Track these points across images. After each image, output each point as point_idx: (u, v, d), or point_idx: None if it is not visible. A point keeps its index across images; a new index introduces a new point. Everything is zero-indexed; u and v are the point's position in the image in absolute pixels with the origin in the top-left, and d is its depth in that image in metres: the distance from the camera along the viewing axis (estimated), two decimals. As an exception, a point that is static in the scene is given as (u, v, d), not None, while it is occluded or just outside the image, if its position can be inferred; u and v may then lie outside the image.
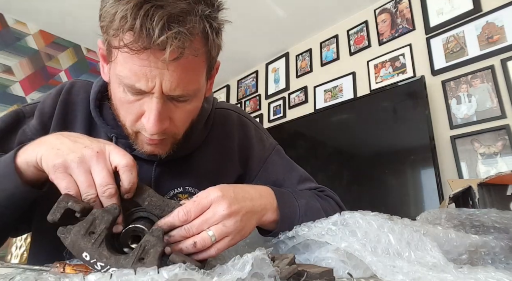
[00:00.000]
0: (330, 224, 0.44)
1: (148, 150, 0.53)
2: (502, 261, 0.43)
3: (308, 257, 0.42)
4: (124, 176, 0.40)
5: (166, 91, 0.46)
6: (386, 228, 0.41)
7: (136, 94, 0.47)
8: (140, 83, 0.45)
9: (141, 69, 0.44)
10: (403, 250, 0.39)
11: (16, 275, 0.36)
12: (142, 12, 0.40)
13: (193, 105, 0.52)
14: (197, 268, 0.28)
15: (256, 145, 0.70)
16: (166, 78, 0.44)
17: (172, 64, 0.43)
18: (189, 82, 0.47)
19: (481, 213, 0.50)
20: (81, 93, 0.63)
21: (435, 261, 0.37)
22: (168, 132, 0.51)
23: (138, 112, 0.49)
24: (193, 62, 0.46)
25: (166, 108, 0.48)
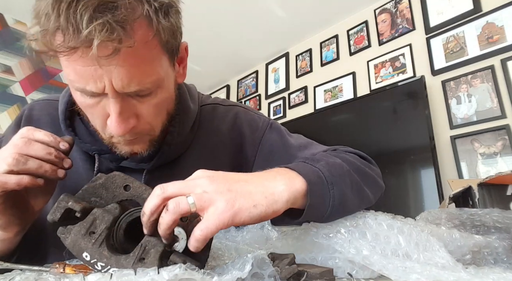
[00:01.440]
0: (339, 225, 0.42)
1: (127, 150, 0.50)
2: (505, 261, 0.43)
3: (315, 257, 0.41)
4: None
5: (119, 89, 0.41)
6: (396, 229, 0.40)
7: (93, 97, 0.43)
8: (89, 85, 0.41)
9: (86, 70, 0.39)
10: (412, 252, 0.38)
11: (16, 275, 0.36)
12: (64, 5, 0.35)
13: (159, 97, 0.47)
14: (197, 268, 0.28)
15: (248, 128, 0.64)
16: (115, 75, 0.40)
17: (117, 58, 0.38)
18: (144, 75, 0.42)
19: (483, 213, 0.50)
20: (42, 117, 0.58)
21: (444, 261, 0.37)
22: (139, 131, 0.48)
23: (103, 115, 0.45)
24: (142, 52, 0.41)
25: (128, 106, 0.44)
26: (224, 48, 2.81)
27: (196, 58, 2.95)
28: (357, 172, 0.48)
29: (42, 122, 0.58)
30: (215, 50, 2.83)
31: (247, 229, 0.54)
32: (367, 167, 0.52)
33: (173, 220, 0.33)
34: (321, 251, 0.41)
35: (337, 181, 0.42)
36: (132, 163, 0.56)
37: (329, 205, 0.41)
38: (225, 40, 2.70)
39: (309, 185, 0.39)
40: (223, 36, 2.64)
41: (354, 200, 0.45)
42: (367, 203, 0.49)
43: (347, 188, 0.44)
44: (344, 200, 0.42)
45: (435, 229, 0.44)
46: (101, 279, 0.25)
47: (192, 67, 3.09)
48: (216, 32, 2.59)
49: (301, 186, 0.39)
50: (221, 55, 2.92)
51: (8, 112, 2.32)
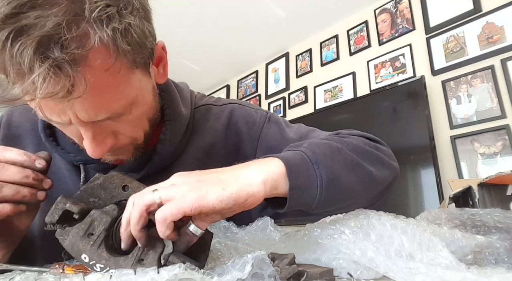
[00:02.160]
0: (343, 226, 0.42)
1: (112, 160, 0.48)
2: (506, 261, 0.43)
3: (319, 257, 0.40)
4: None
5: (87, 119, 0.37)
6: (399, 229, 0.40)
7: (59, 123, 0.40)
8: (54, 117, 0.37)
9: (46, 104, 0.35)
10: (415, 252, 0.38)
11: (16, 276, 0.36)
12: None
13: (135, 113, 0.43)
14: (197, 268, 0.28)
15: (244, 125, 0.60)
16: (78, 108, 0.36)
17: (75, 93, 0.33)
18: (111, 102, 0.38)
19: (484, 213, 0.49)
20: (23, 124, 0.55)
21: (447, 262, 0.37)
22: (120, 146, 0.45)
23: (78, 135, 0.42)
24: (101, 81, 0.35)
25: (101, 129, 0.40)
26: (224, 48, 2.81)
27: (196, 58, 2.95)
28: (355, 150, 0.44)
29: (23, 129, 0.55)
30: (215, 50, 2.83)
31: (248, 229, 0.54)
32: (372, 148, 0.48)
33: (139, 213, 0.31)
34: (325, 252, 0.41)
35: (322, 160, 0.38)
36: (121, 172, 0.54)
37: (317, 186, 0.37)
38: (225, 40, 2.70)
39: (287, 166, 0.36)
40: (223, 36, 2.64)
41: (350, 178, 0.40)
42: (373, 182, 0.44)
43: (338, 165, 0.39)
44: (335, 178, 0.38)
45: (437, 229, 0.44)
46: (101, 279, 0.25)
47: (192, 67, 3.09)
48: (216, 32, 2.59)
49: (278, 167, 0.36)
50: (221, 55, 2.92)
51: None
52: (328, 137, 0.49)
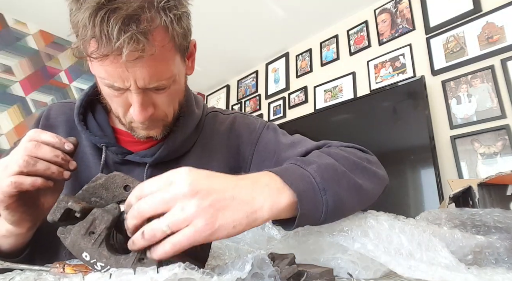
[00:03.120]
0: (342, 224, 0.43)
1: (144, 134, 0.58)
2: (506, 261, 0.43)
3: (318, 257, 0.41)
4: None
5: (142, 86, 0.49)
6: (397, 228, 0.41)
7: (118, 90, 0.50)
8: (117, 82, 0.48)
9: (115, 71, 0.47)
10: (415, 251, 0.38)
11: (16, 275, 0.36)
12: (98, 19, 0.42)
13: (173, 89, 0.55)
14: (197, 267, 0.28)
15: (245, 130, 0.69)
16: (138, 75, 0.47)
17: (140, 62, 0.46)
18: (161, 74, 0.50)
19: (485, 213, 0.50)
20: (59, 116, 0.65)
21: (447, 262, 0.37)
22: (156, 117, 0.55)
23: (125, 104, 0.53)
24: (160, 55, 0.48)
25: (147, 98, 0.52)
26: (224, 48, 2.81)
27: (196, 58, 2.95)
28: (354, 170, 0.46)
29: (59, 120, 0.65)
30: (215, 50, 2.83)
31: None
32: (365, 161, 0.50)
33: (147, 245, 0.32)
34: (323, 252, 0.41)
35: (329, 186, 0.40)
36: (136, 157, 0.61)
37: (322, 211, 0.39)
38: (225, 40, 2.70)
39: (298, 196, 0.37)
40: (223, 36, 2.64)
41: (352, 201, 0.43)
42: (368, 201, 0.48)
43: (342, 190, 0.41)
44: (339, 204, 0.40)
45: (436, 229, 0.44)
46: (100, 278, 0.25)
47: (192, 67, 3.09)
48: (216, 32, 2.59)
49: (288, 200, 0.37)
50: (221, 55, 2.92)
51: (8, 112, 2.32)
52: (331, 152, 0.49)
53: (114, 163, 0.62)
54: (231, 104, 3.28)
